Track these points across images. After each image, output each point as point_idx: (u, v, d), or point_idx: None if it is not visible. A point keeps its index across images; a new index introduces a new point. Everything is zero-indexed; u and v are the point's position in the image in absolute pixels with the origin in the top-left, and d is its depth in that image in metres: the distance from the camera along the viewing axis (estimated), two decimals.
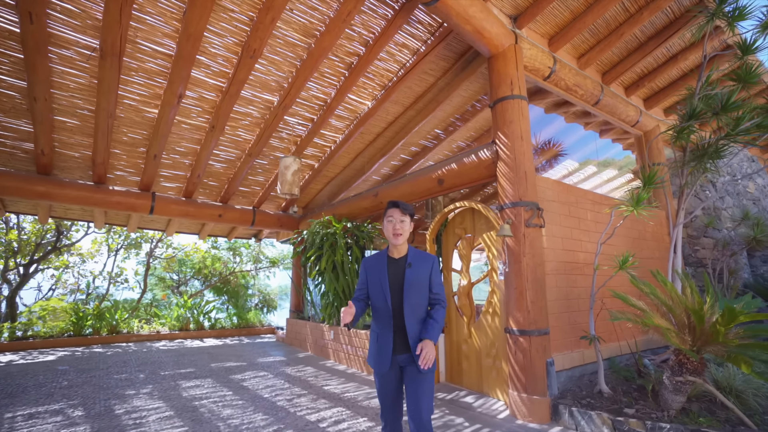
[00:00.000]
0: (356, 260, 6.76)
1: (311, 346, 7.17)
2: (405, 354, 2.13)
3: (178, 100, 4.88)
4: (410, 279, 2.17)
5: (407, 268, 2.19)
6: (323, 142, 6.82)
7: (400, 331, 2.14)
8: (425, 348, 2.00)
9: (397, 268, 2.22)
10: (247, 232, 10.27)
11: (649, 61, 5.99)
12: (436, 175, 5.12)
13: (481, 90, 6.06)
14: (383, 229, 2.29)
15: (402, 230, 2.20)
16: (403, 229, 2.21)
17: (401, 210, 2.22)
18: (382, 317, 2.18)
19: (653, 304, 3.37)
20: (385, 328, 2.16)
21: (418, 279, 2.18)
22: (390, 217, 2.24)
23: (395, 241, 2.21)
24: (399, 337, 2.14)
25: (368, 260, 2.33)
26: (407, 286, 2.15)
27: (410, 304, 2.14)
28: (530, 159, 4.22)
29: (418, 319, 2.15)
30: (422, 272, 2.20)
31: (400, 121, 6.52)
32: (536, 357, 3.69)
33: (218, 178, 7.32)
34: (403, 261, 2.22)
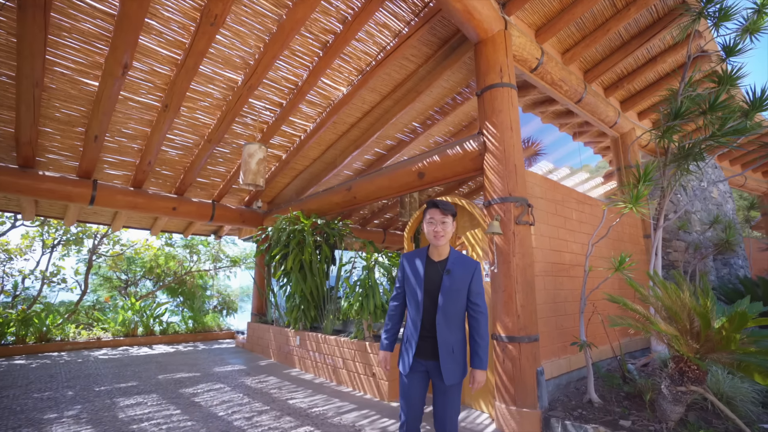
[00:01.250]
0: (326, 260, 6.27)
1: (274, 352, 6.58)
2: (433, 361, 2.05)
3: (123, 71, 4.20)
4: (447, 286, 2.05)
5: (445, 275, 2.07)
6: (292, 131, 6.27)
7: (430, 338, 2.06)
8: (476, 379, 2.03)
9: (435, 272, 2.11)
10: (205, 228, 9.46)
11: (629, 62, 5.94)
12: (417, 168, 4.74)
13: (463, 81, 5.76)
14: (424, 231, 2.19)
15: (444, 231, 2.09)
16: (445, 230, 2.10)
17: (442, 210, 2.10)
18: (412, 320, 2.10)
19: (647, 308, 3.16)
20: (414, 330, 2.08)
21: (456, 287, 2.06)
22: (431, 218, 2.12)
23: (437, 243, 2.11)
24: (429, 343, 2.06)
25: (408, 257, 2.24)
26: (443, 293, 2.05)
27: (444, 312, 2.04)
28: (520, 151, 3.93)
29: (452, 328, 2.05)
30: (462, 279, 2.07)
31: (377, 111, 6.10)
32: (526, 366, 3.38)
33: (173, 167, 6.57)
34: (442, 265, 2.11)
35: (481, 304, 2.10)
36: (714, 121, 4.30)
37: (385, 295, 5.02)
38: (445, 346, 2.02)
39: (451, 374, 2.01)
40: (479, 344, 2.05)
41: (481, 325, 2.07)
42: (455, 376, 2.02)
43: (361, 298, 4.83)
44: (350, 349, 4.85)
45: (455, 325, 2.08)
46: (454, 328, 2.07)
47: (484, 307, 2.11)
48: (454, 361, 2.03)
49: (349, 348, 4.88)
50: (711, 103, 4.24)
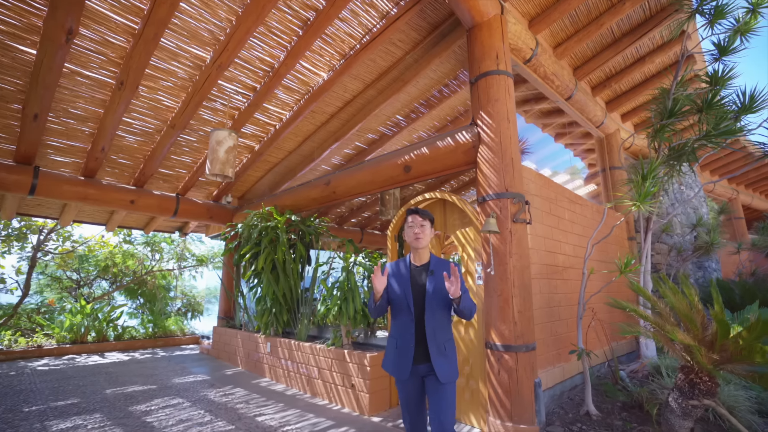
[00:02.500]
0: (300, 259, 5.81)
1: (243, 360, 6.05)
2: (425, 364, 2.12)
3: (67, 37, 3.60)
4: (433, 285, 2.16)
5: (429, 276, 2.19)
6: (266, 119, 5.77)
7: (421, 341, 2.13)
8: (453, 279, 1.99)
9: (420, 275, 2.23)
10: (169, 224, 8.74)
11: (618, 61, 5.83)
12: (403, 161, 4.38)
13: (450, 73, 5.46)
14: (404, 235, 2.34)
15: (423, 234, 2.22)
16: (424, 233, 2.23)
17: (420, 215, 2.27)
18: (404, 325, 2.17)
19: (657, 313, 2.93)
20: (407, 336, 2.14)
21: (440, 287, 2.16)
22: (411, 222, 2.27)
23: (417, 245, 2.23)
24: (420, 346, 2.13)
25: (391, 265, 2.34)
26: (430, 294, 2.15)
27: (432, 313, 2.14)
28: (517, 144, 3.65)
29: (440, 326, 2.15)
30: (443, 280, 2.12)
31: (359, 101, 5.71)
32: (523, 377, 3.08)
33: (131, 155, 5.92)
34: (425, 268, 2.24)
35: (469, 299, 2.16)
36: (709, 120, 4.19)
37: (365, 298, 4.63)
38: (436, 346, 2.10)
39: (445, 372, 2.07)
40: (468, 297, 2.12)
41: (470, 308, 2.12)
42: (449, 374, 2.08)
43: (340, 301, 4.42)
44: (327, 358, 4.43)
45: (443, 324, 2.17)
46: (442, 327, 2.16)
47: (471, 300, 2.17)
48: (446, 359, 2.10)
49: (325, 356, 4.46)
50: (708, 101, 4.12)
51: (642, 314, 2.75)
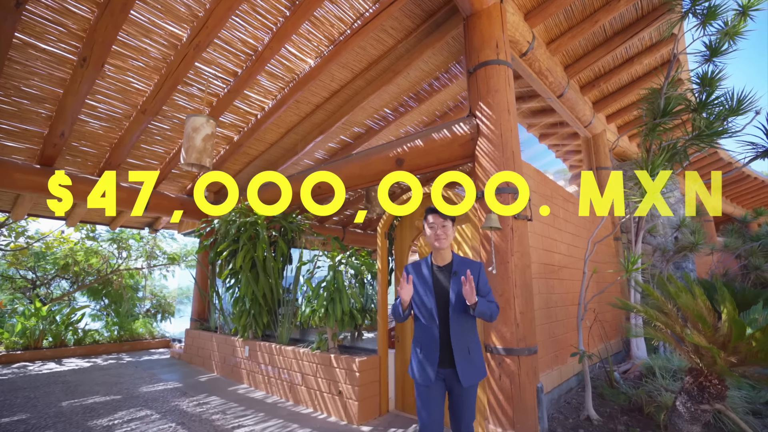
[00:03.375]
0: (282, 257, 5.48)
1: (218, 365, 5.65)
2: (450, 368, 2.05)
3: (18, 1, 3.16)
4: (457, 288, 2.08)
5: (453, 277, 2.11)
6: (247, 108, 5.41)
7: (446, 345, 2.06)
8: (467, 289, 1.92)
9: (443, 276, 2.15)
10: (138, 219, 8.17)
11: (608, 61, 5.82)
12: (395, 154, 4.15)
13: (443, 65, 5.28)
14: (425, 236, 2.27)
15: (445, 234, 2.14)
16: (446, 233, 2.14)
17: (440, 214, 2.16)
18: (428, 328, 2.10)
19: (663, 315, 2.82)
20: (431, 340, 2.08)
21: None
22: (432, 223, 2.17)
23: (439, 246, 2.14)
24: (446, 350, 2.06)
25: (412, 266, 2.25)
26: (453, 295, 2.08)
27: (457, 315, 2.07)
28: (517, 137, 3.49)
29: (465, 331, 2.08)
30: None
31: (346, 92, 5.44)
32: (526, 382, 2.91)
33: (96, 142, 5.41)
34: (449, 269, 2.15)
35: (493, 300, 2.12)
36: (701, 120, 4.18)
37: (353, 299, 4.37)
38: (461, 350, 2.04)
39: (468, 376, 2.02)
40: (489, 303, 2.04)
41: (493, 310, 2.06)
42: (472, 378, 2.03)
43: (326, 303, 4.14)
44: (311, 363, 4.14)
45: (468, 327, 2.09)
46: (467, 330, 2.08)
47: (495, 302, 2.12)
48: (471, 363, 2.05)
49: (309, 361, 4.17)
50: (702, 100, 4.10)
51: (652, 315, 2.63)
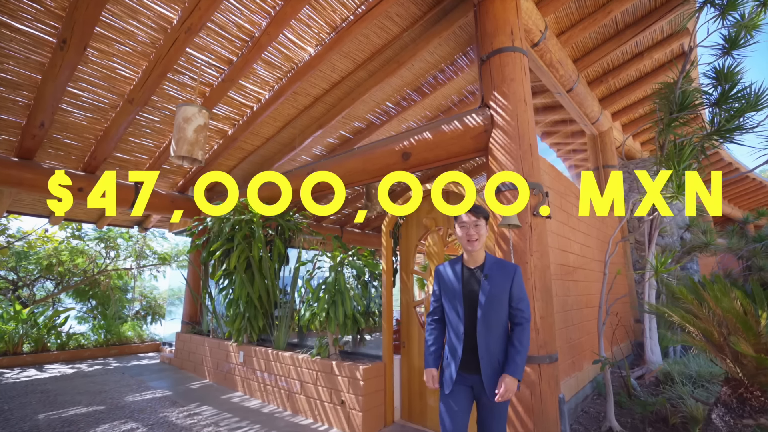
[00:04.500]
0: (279, 257, 5.20)
1: (210, 371, 5.35)
2: (476, 375, 1.94)
3: None
4: (487, 292, 1.93)
5: (483, 280, 1.97)
6: (243, 99, 5.13)
7: (471, 351, 1.95)
8: (505, 386, 1.82)
9: (473, 279, 2.02)
10: (126, 217, 7.82)
11: (617, 55, 5.65)
12: (401, 147, 3.91)
13: (448, 56, 5.05)
14: (456, 236, 2.10)
15: (478, 235, 1.99)
16: (479, 234, 1.99)
17: (472, 212, 2.01)
18: (454, 333, 2.00)
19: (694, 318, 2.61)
20: (456, 344, 1.98)
21: (496, 293, 1.93)
22: (462, 222, 2.02)
23: (471, 248, 2.00)
24: (470, 356, 1.95)
25: (441, 268, 2.14)
26: (483, 300, 1.93)
27: (486, 321, 1.93)
28: (534, 129, 3.26)
29: (495, 339, 1.93)
30: (501, 285, 1.95)
31: (347, 84, 5.18)
32: (547, 393, 2.68)
33: (80, 134, 5.09)
34: (480, 271, 2.01)
35: (525, 310, 1.96)
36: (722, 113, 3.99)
37: (356, 302, 4.12)
38: (488, 358, 1.91)
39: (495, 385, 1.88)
40: (518, 351, 1.89)
41: (524, 332, 1.93)
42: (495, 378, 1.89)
43: (327, 305, 3.88)
44: (311, 370, 3.88)
45: (498, 334, 1.94)
46: (496, 337, 1.94)
47: (528, 313, 1.97)
48: (497, 370, 1.91)
49: (309, 368, 3.90)
50: (723, 93, 3.92)
51: (688, 320, 2.41)
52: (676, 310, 2.57)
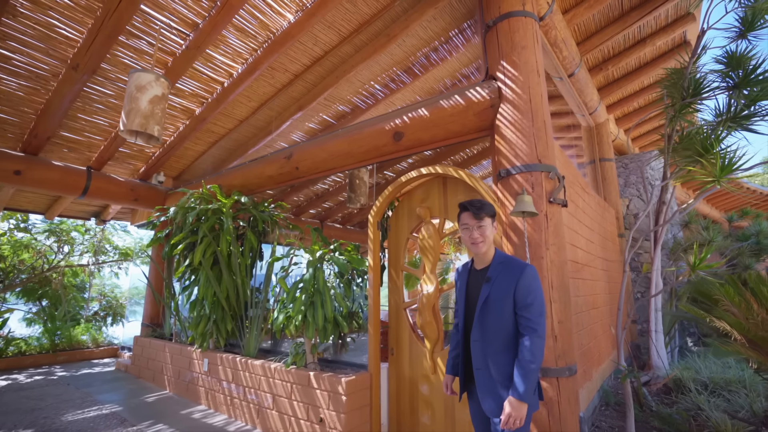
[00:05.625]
0: (251, 253, 4.64)
1: (171, 381, 4.73)
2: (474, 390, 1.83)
3: None
4: (486, 297, 1.75)
5: (485, 283, 1.78)
6: (211, 73, 4.53)
7: (468, 362, 1.85)
8: (506, 410, 1.61)
9: (478, 281, 1.84)
10: (81, 207, 7.04)
11: (618, 41, 5.34)
12: (392, 127, 3.42)
13: (443, 32, 4.60)
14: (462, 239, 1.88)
15: (483, 236, 1.79)
16: (484, 234, 1.79)
17: (474, 213, 1.79)
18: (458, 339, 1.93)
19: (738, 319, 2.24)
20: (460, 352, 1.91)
21: (496, 297, 1.73)
22: (464, 224, 1.83)
23: (476, 250, 1.82)
24: (468, 368, 1.86)
25: (458, 269, 2.00)
26: (481, 305, 1.76)
27: (481, 328, 1.76)
28: (548, 105, 2.84)
29: (495, 350, 1.71)
30: (504, 288, 1.72)
31: (331, 60, 4.65)
32: (567, 411, 2.26)
33: (15, 108, 4.38)
34: (483, 273, 1.82)
35: (531, 318, 1.69)
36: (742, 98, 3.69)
37: (337, 303, 3.61)
38: (485, 372, 1.74)
39: (490, 406, 1.71)
40: (521, 366, 1.64)
41: (525, 345, 1.66)
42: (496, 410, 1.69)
43: (305, 307, 3.36)
44: (285, 382, 3.35)
45: (498, 345, 1.73)
46: (497, 349, 1.73)
47: (536, 321, 1.68)
48: (499, 387, 1.70)
49: (283, 379, 3.37)
50: (746, 74, 3.61)
51: (740, 326, 2.03)
52: (725, 314, 2.20)
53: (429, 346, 3.06)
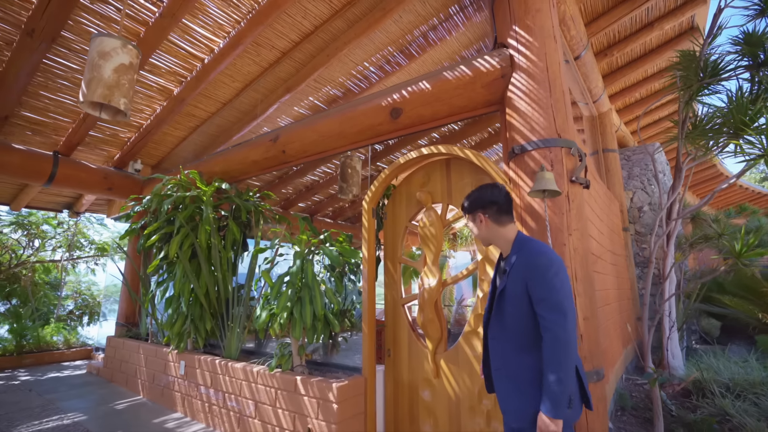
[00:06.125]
0: (234, 245, 4.26)
1: (145, 385, 4.33)
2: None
3: None
4: (502, 291, 1.60)
5: (502, 275, 1.65)
6: (190, 48, 4.13)
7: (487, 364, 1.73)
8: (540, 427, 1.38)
9: (500, 273, 1.70)
10: (50, 198, 6.54)
11: (624, 24, 5.08)
12: (390, 103, 3.08)
13: (442, 8, 4.26)
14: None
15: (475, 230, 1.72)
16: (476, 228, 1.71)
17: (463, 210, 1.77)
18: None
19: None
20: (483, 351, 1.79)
21: (511, 290, 1.56)
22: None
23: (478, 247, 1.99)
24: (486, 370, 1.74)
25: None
26: (497, 300, 1.62)
27: (499, 324, 1.61)
28: (565, 75, 2.53)
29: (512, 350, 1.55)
30: (518, 280, 1.54)
31: (321, 36, 4.28)
32: (595, 423, 1.95)
33: None
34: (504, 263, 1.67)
35: (544, 315, 1.44)
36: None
37: (328, 299, 3.26)
38: (503, 372, 1.57)
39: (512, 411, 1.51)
40: (545, 376, 1.39)
41: (547, 348, 1.41)
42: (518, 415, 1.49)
43: (291, 303, 3.00)
44: (269, 387, 2.99)
45: (515, 345, 1.55)
46: (515, 349, 1.55)
47: (552, 320, 1.42)
48: (514, 391, 1.52)
49: (266, 385, 3.01)
50: None
51: None
52: None
53: (431, 347, 2.73)
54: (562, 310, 1.42)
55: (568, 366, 1.38)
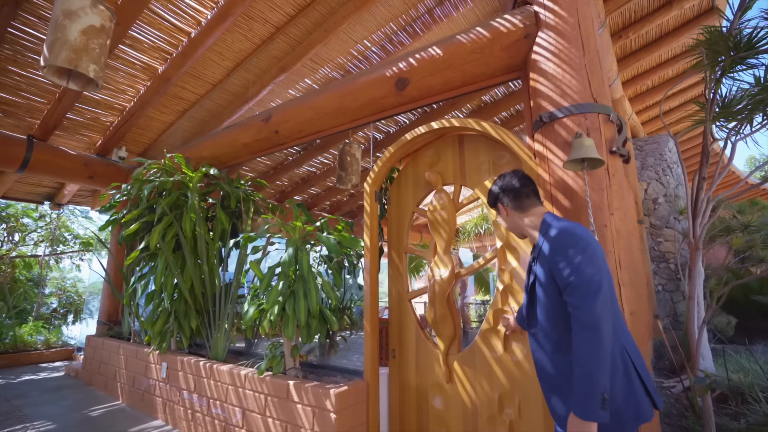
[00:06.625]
0: (222, 235, 3.90)
1: (125, 389, 3.96)
2: None
3: None
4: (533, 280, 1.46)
5: (533, 264, 1.49)
6: (175, 20, 3.77)
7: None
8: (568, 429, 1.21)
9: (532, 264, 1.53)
10: (30, 188, 6.16)
11: (641, 4, 4.78)
12: (395, 73, 2.74)
13: None
14: None
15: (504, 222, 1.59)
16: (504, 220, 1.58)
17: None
18: None
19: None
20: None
21: (540, 278, 1.40)
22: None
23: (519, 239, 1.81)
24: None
25: None
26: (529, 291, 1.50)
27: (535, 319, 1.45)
28: (598, 33, 2.20)
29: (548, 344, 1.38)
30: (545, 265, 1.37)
31: (319, 9, 3.94)
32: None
33: None
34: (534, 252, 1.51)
35: (572, 302, 1.23)
36: None
37: (325, 293, 2.93)
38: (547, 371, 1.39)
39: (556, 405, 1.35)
40: (575, 373, 1.20)
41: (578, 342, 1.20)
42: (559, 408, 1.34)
43: (283, 298, 2.66)
44: (258, 392, 2.65)
45: (551, 340, 1.36)
46: (551, 344, 1.36)
47: (579, 305, 1.21)
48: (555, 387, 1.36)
49: (255, 390, 2.67)
50: None
51: None
52: None
53: (443, 347, 2.39)
54: (594, 294, 1.20)
55: (600, 359, 1.15)
